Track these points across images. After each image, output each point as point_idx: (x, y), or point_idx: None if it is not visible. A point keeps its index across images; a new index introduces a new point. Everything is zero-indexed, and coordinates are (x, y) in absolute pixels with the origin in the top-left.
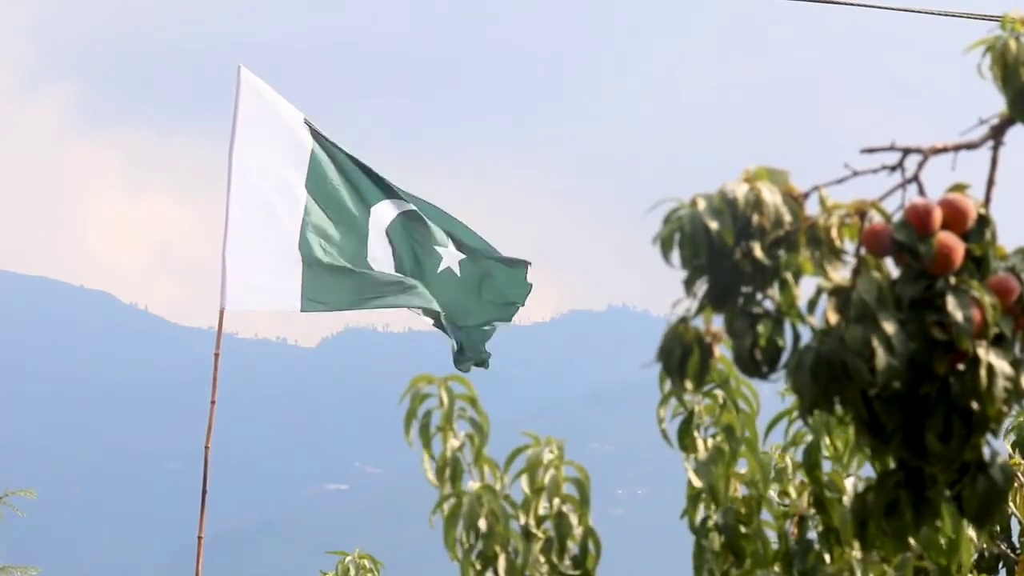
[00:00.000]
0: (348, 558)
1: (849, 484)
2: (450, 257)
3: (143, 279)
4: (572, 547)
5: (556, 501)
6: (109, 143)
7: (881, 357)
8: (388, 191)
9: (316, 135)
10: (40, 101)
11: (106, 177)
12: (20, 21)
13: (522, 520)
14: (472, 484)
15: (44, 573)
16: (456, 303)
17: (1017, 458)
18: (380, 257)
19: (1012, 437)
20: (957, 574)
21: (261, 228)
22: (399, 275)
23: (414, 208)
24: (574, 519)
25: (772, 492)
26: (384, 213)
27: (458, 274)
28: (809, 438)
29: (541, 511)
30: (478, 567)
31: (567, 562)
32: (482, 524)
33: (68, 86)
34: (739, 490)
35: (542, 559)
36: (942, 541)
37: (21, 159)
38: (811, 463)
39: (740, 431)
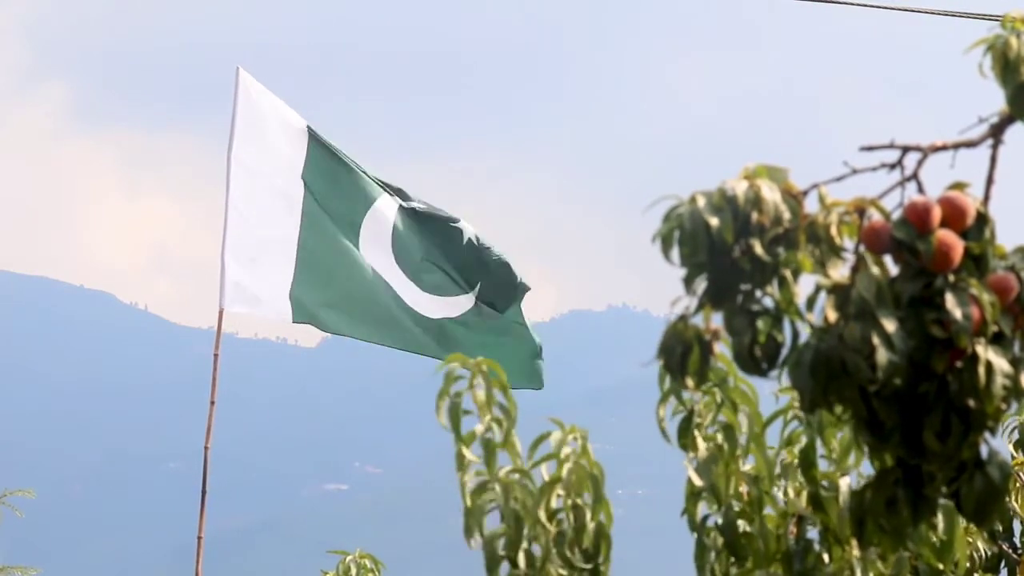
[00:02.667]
0: (349, 558)
1: (844, 483)
2: (469, 230)
3: (142, 279)
4: (585, 542)
5: (572, 494)
6: (106, 141)
7: (882, 354)
8: (388, 188)
9: (314, 138)
10: (35, 100)
11: (104, 176)
12: (15, 20)
13: (537, 511)
14: (500, 469)
15: (44, 573)
16: (492, 272)
17: (1020, 457)
18: (380, 258)
19: (1015, 436)
20: (952, 574)
21: (259, 231)
22: (411, 306)
23: (415, 206)
24: (588, 514)
25: (776, 489)
26: (386, 207)
27: (477, 243)
28: (805, 438)
29: (555, 503)
30: (501, 555)
31: (578, 555)
32: (510, 512)
33: (63, 85)
34: (743, 487)
35: (554, 550)
36: (935, 541)
37: (18, 158)
38: (807, 463)
39: (740, 429)
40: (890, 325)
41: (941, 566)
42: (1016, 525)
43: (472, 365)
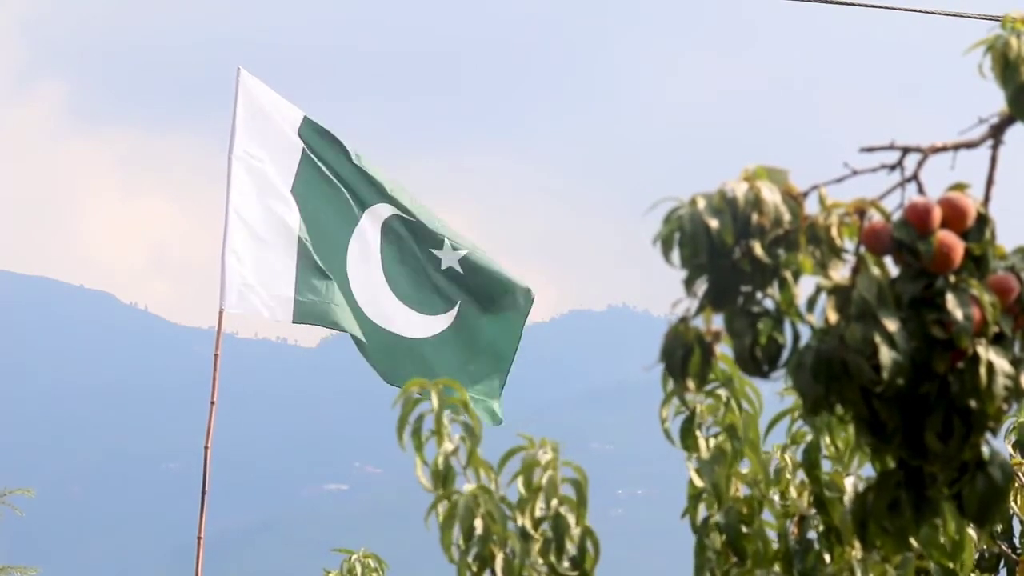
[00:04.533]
0: (353, 557)
1: (849, 484)
2: (448, 257)
3: (142, 279)
4: (571, 547)
5: (553, 502)
6: (105, 141)
7: (885, 354)
8: (381, 195)
9: (311, 137)
10: (34, 99)
11: (103, 176)
12: (14, 19)
13: (519, 521)
14: (467, 486)
15: (44, 573)
16: (471, 298)
17: (1018, 458)
18: (360, 275)
19: (1013, 438)
20: (960, 574)
21: (260, 231)
22: (393, 331)
23: (402, 213)
24: (571, 519)
25: (772, 493)
26: (375, 217)
27: (461, 271)
28: (809, 437)
29: (538, 512)
30: (475, 568)
31: (565, 563)
32: (478, 525)
33: (62, 84)
34: (740, 490)
35: (540, 560)
36: (944, 541)
37: (18, 158)
38: (811, 463)
39: (742, 431)
40: (891, 325)
41: (952, 565)
42: (1015, 525)
43: (431, 386)
